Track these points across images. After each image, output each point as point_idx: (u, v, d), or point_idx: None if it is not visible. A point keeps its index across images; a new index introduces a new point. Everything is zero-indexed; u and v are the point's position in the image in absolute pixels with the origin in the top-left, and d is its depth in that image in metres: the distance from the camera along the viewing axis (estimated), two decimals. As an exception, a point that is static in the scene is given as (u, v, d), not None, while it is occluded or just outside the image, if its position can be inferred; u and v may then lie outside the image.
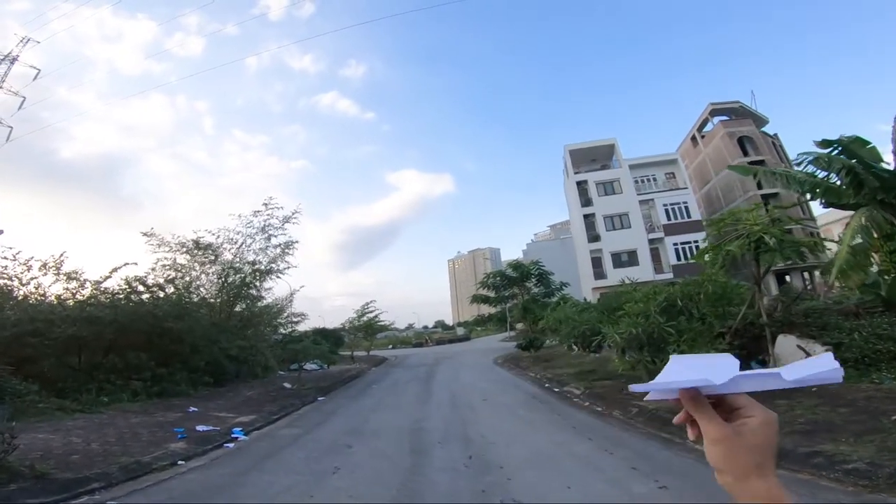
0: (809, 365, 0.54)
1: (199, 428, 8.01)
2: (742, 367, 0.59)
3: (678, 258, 35.66)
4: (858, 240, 8.31)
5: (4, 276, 12.82)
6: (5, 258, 12.65)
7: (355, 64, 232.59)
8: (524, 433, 7.36)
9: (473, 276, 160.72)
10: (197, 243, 18.01)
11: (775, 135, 36.27)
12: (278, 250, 19.58)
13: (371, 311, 31.50)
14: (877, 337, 7.73)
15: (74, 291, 13.71)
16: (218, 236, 18.61)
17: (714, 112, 37.39)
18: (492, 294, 32.71)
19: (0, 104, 43.95)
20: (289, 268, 19.85)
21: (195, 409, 10.14)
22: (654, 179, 38.57)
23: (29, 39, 35.26)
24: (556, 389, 11.77)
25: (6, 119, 32.69)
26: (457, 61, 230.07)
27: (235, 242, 18.91)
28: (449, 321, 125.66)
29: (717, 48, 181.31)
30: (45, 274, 13.34)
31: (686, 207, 36.26)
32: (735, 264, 10.84)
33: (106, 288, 13.95)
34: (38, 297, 13.25)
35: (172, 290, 15.39)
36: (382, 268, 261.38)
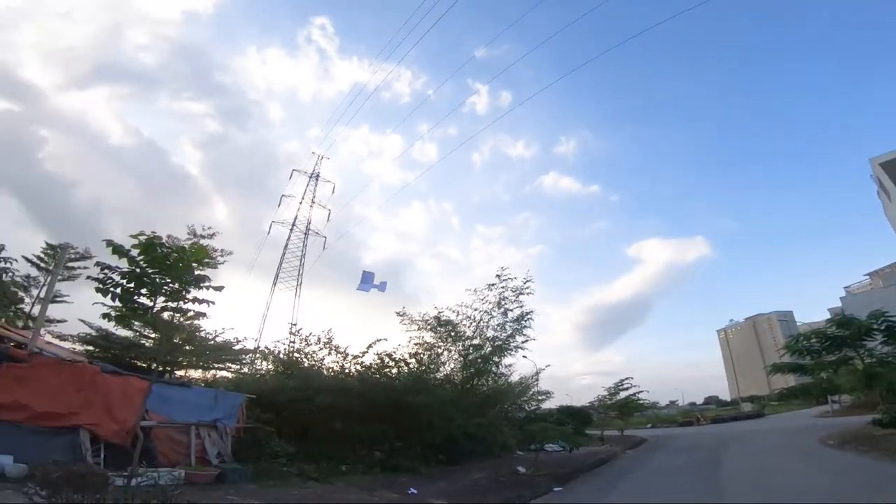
0: None
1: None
2: None
3: None
4: None
5: (294, 350, 15.89)
6: (293, 334, 15.71)
7: (565, 140, 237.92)
8: None
9: (757, 346, 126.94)
10: (438, 319, 18.69)
11: None
12: (515, 324, 18.72)
13: (626, 388, 27.66)
14: None
15: (341, 364, 15.76)
16: (457, 313, 18.87)
17: None
18: (806, 360, 23.80)
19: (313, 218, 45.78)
20: (526, 341, 18.58)
21: (414, 492, 9.07)
22: None
23: (323, 157, 40.98)
24: None
25: (321, 230, 38.38)
26: (675, 112, 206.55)
27: (474, 319, 18.76)
28: (724, 396, 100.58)
29: None
30: (321, 348, 15.80)
31: None
32: None
33: (362, 362, 15.32)
34: (316, 368, 15.53)
35: (415, 364, 15.92)
36: (633, 344, 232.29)
